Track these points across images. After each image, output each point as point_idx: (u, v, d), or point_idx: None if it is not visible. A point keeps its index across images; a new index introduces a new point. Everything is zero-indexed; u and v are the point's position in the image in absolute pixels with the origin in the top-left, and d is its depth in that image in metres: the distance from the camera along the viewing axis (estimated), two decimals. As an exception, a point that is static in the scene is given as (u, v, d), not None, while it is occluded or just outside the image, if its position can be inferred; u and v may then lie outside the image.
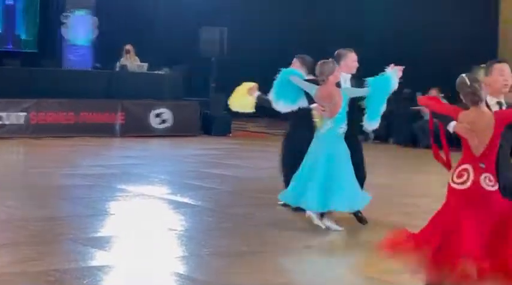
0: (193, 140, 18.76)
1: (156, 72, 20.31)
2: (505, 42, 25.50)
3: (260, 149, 17.04)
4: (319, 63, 8.60)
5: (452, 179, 5.71)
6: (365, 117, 8.63)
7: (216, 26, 20.93)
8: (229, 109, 20.33)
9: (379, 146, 18.59)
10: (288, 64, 9.80)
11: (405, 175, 13.75)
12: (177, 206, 10.01)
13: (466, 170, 5.67)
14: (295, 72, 8.99)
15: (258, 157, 15.54)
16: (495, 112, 5.72)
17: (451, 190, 5.71)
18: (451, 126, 5.77)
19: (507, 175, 5.77)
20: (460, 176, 5.68)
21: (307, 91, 8.73)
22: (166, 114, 19.47)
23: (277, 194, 9.91)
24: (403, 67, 8.70)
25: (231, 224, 9.06)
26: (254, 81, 10.12)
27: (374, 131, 19.25)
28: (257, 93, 9.86)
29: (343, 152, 8.54)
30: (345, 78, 8.83)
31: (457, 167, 5.73)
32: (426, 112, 10.13)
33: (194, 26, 21.56)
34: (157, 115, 19.39)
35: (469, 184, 5.63)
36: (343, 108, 8.43)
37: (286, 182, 9.53)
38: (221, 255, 7.53)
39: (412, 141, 18.56)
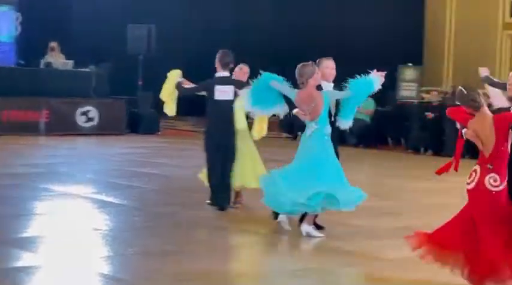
0: (121, 138, 18.59)
1: (82, 69, 20.05)
2: (429, 42, 25.91)
3: (189, 147, 16.95)
4: (298, 66, 8.47)
5: (466, 181, 6.26)
6: (339, 116, 8.55)
7: (143, 23, 20.77)
8: (157, 107, 20.37)
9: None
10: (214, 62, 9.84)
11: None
12: (103, 205, 9.90)
13: (475, 171, 6.21)
14: (275, 76, 8.74)
15: (187, 155, 15.46)
16: (494, 116, 6.20)
17: (466, 191, 6.25)
18: (464, 133, 6.40)
19: None
20: (470, 176, 6.25)
21: (287, 95, 8.60)
22: (93, 112, 19.26)
23: (204, 192, 9.91)
24: (385, 72, 8.69)
25: (156, 223, 8.99)
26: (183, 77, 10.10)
27: (302, 129, 19.43)
28: (179, 80, 9.82)
29: (331, 153, 8.42)
30: (326, 87, 8.62)
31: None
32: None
33: (121, 23, 21.36)
34: (84, 114, 19.17)
35: (474, 183, 6.15)
36: (324, 110, 8.37)
37: (208, 178, 9.60)
38: (146, 254, 7.46)
39: (339, 138, 18.68)
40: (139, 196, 10.75)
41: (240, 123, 9.96)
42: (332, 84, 8.74)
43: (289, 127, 19.82)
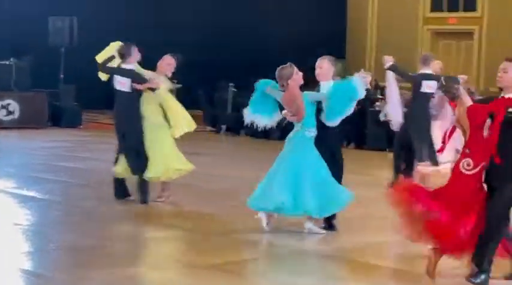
0: (42, 132, 18.32)
1: (2, 62, 19.68)
2: (352, 36, 26.21)
3: (111, 141, 16.76)
4: (278, 68, 8.48)
5: None
6: (322, 116, 8.53)
7: (65, 15, 20.47)
8: (79, 100, 20.12)
9: (231, 139, 18.72)
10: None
11: (257, 166, 13.84)
12: (23, 200, 9.75)
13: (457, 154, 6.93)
14: (270, 82, 8.69)
15: (110, 149, 15.28)
16: (468, 106, 6.50)
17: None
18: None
19: None
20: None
21: (277, 99, 8.59)
22: (13, 105, 18.94)
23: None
24: (370, 74, 8.80)
25: (78, 218, 8.91)
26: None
27: (225, 123, 19.47)
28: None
29: (312, 156, 8.41)
30: (323, 86, 8.65)
31: None
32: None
33: (42, 15, 21.02)
34: (4, 107, 18.83)
35: (454, 165, 6.67)
36: (307, 111, 8.35)
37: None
38: (68, 249, 7.40)
39: (263, 132, 18.73)
40: (61, 190, 10.63)
41: (154, 115, 9.90)
42: (331, 83, 8.69)
43: (213, 121, 19.84)
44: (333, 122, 8.59)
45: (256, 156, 15.43)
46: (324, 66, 8.76)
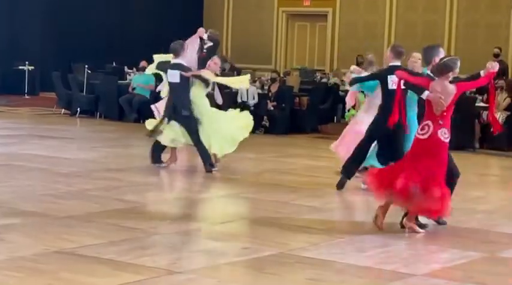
0: None
1: None
2: (208, 21, 26.27)
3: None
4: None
5: (417, 132, 7.72)
6: None
7: None
8: None
9: (86, 120, 18.42)
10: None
11: (110, 148, 13.71)
12: None
13: (427, 125, 7.61)
14: None
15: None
16: (457, 83, 7.61)
17: (414, 140, 7.78)
18: (425, 95, 7.63)
19: None
20: (422, 129, 7.65)
21: None
22: None
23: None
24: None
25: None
26: None
27: (80, 105, 19.11)
28: None
29: None
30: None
31: (420, 124, 7.76)
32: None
33: None
34: None
35: (428, 135, 7.59)
36: None
37: None
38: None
39: (118, 114, 18.54)
40: None
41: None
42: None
43: (68, 103, 19.44)
44: None
45: (109, 138, 15.27)
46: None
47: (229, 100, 17.48)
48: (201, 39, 12.42)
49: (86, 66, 19.80)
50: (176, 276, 5.98)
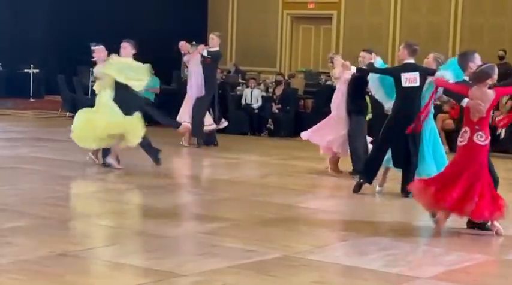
0: None
1: None
2: (213, 23, 26.29)
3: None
4: None
5: (458, 141, 8.02)
6: None
7: None
8: None
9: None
10: None
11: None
12: None
13: (465, 131, 7.88)
14: None
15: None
16: (496, 89, 7.85)
17: (457, 149, 8.09)
18: (464, 102, 7.87)
19: None
20: (461, 136, 7.93)
21: None
22: None
23: None
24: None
25: None
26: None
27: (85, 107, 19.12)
28: None
29: None
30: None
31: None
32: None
33: None
34: None
35: (466, 141, 7.86)
36: None
37: None
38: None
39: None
40: None
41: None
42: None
43: (73, 106, 19.45)
44: None
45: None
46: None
47: (234, 103, 17.51)
48: (202, 55, 13.14)
49: (91, 69, 19.80)
50: (181, 279, 5.98)
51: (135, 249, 6.80)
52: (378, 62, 10.27)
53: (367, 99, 11.78)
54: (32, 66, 22.60)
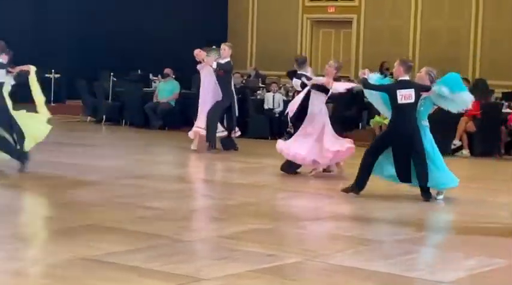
0: None
1: None
2: (233, 27, 26.34)
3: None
4: None
5: None
6: None
7: None
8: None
9: (111, 128, 18.53)
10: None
11: (136, 156, 13.77)
12: None
13: None
14: None
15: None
16: None
17: None
18: None
19: None
20: None
21: None
22: None
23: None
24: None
25: None
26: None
27: (106, 112, 19.21)
28: None
29: None
30: None
31: None
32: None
33: None
34: None
35: None
36: None
37: None
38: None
39: (144, 122, 18.62)
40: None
41: None
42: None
43: (94, 111, 19.57)
44: None
45: (134, 145, 15.35)
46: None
47: (254, 107, 17.53)
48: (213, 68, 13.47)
49: (112, 73, 19.92)
50: (202, 283, 6.00)
51: (155, 253, 6.82)
52: (373, 78, 10.31)
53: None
54: (53, 71, 22.73)
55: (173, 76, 18.57)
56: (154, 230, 7.76)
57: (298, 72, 12.14)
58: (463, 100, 10.04)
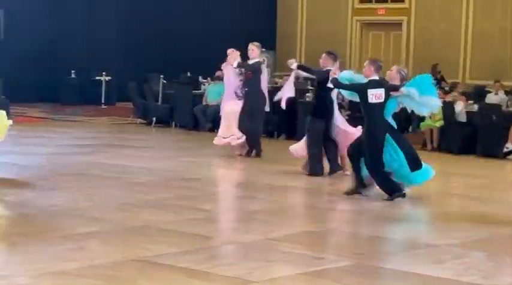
0: (-31, 126, 17.91)
1: None
2: (282, 28, 26.36)
3: (42, 134, 16.61)
4: None
5: None
6: None
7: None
8: (7, 94, 19.79)
9: (161, 130, 18.65)
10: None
11: (186, 158, 13.83)
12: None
13: None
14: None
15: (38, 143, 15.14)
16: None
17: None
18: None
19: None
20: None
21: None
22: None
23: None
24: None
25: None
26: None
27: (156, 114, 19.35)
28: None
29: None
30: None
31: None
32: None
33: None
34: None
35: None
36: None
37: None
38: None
39: (193, 124, 18.70)
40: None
41: None
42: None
43: (144, 113, 19.72)
44: None
45: (184, 147, 15.42)
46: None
47: (302, 109, 17.49)
48: (237, 68, 13.08)
49: (162, 76, 20.05)
50: (252, 286, 6.01)
51: (205, 255, 6.84)
52: (343, 76, 10.24)
53: None
54: (104, 73, 22.97)
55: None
56: (205, 232, 7.78)
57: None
58: (429, 104, 9.97)
